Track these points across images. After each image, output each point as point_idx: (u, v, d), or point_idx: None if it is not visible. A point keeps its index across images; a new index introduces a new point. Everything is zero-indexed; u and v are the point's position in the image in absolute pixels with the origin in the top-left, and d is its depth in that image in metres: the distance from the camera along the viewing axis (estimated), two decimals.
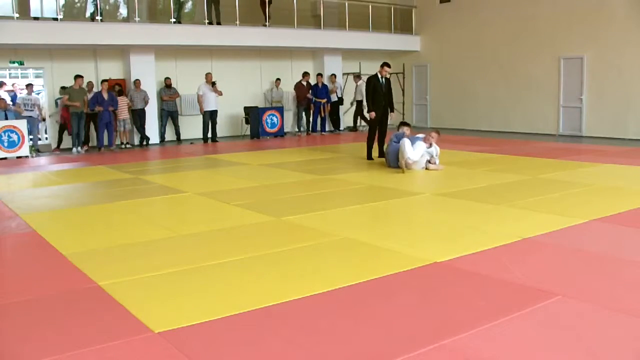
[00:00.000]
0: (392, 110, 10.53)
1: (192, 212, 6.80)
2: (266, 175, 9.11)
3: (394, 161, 9.15)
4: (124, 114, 13.74)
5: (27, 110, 12.98)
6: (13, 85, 14.27)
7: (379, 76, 10.35)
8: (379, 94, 10.31)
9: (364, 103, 16.24)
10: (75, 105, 12.84)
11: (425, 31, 18.29)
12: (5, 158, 12.01)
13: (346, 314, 3.49)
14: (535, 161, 9.90)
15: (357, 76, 16.92)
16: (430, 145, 9.14)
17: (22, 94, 13.91)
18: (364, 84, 16.59)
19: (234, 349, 3.05)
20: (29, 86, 13.42)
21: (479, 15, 16.45)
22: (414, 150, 8.84)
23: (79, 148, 13.24)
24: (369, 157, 10.49)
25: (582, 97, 14.20)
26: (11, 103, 13.04)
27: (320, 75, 16.44)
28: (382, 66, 10.44)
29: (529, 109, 15.43)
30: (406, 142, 8.80)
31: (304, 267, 4.43)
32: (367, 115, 10.63)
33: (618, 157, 10.05)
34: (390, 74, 11.03)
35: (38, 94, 14.69)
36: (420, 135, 9.35)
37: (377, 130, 10.51)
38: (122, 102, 13.70)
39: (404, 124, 9.88)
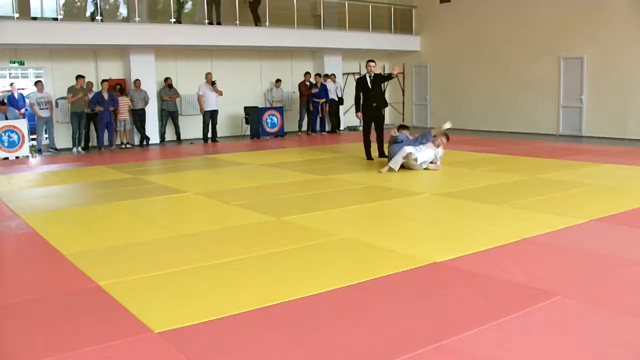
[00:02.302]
0: (385, 105, 10.51)
1: (192, 212, 6.80)
2: (266, 175, 9.11)
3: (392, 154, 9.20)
4: (124, 114, 13.75)
5: (41, 109, 12.94)
6: (11, 85, 14.10)
7: (367, 76, 10.36)
8: (368, 94, 10.31)
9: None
10: (78, 97, 12.88)
11: (425, 31, 18.29)
12: (7, 158, 12.02)
13: (346, 314, 3.49)
14: (535, 161, 9.90)
15: (327, 75, 16.86)
16: (438, 146, 9.16)
17: (19, 91, 13.80)
18: (332, 83, 16.62)
19: (234, 349, 3.05)
20: (39, 83, 13.13)
21: (479, 15, 16.45)
22: (422, 152, 8.80)
23: (79, 148, 13.26)
24: (369, 157, 10.48)
25: (582, 97, 14.20)
26: (8, 103, 12.99)
27: (318, 75, 16.44)
28: (367, 63, 10.48)
29: (529, 109, 15.43)
30: (408, 149, 8.80)
31: (304, 267, 4.43)
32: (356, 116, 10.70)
33: (618, 157, 10.05)
34: (388, 74, 11.00)
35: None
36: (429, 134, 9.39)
37: (375, 129, 10.48)
38: (123, 102, 13.72)
39: (402, 127, 9.84)
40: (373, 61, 10.52)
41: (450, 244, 4.91)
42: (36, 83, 13.21)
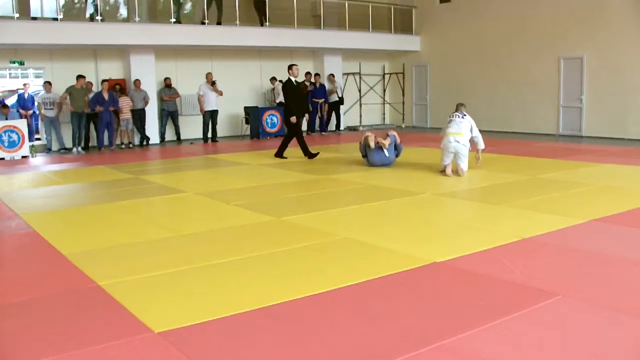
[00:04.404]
0: (308, 111, 10.66)
1: (192, 212, 6.80)
2: (266, 175, 9.11)
3: (379, 162, 9.40)
4: (126, 113, 13.76)
5: (46, 109, 13.00)
6: (25, 85, 14.05)
7: (292, 79, 10.44)
8: (298, 98, 10.44)
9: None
10: (70, 108, 12.94)
11: (425, 31, 18.28)
12: (2, 158, 12.01)
13: (346, 313, 3.49)
14: (535, 161, 9.90)
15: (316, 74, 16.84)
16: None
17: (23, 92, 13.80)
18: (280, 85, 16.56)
19: (234, 349, 3.05)
20: (47, 84, 13.19)
21: (479, 15, 16.44)
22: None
23: (79, 148, 13.26)
24: (281, 155, 10.85)
25: (582, 97, 14.20)
26: (17, 103, 12.99)
27: (317, 75, 16.43)
28: (292, 67, 10.61)
29: (529, 109, 15.42)
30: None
31: (304, 267, 4.43)
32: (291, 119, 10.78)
33: (618, 157, 10.05)
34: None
35: (37, 94, 14.60)
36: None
37: (297, 134, 10.71)
38: (125, 101, 13.72)
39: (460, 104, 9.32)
40: (296, 65, 10.76)
41: (450, 244, 4.91)
42: (44, 84, 13.26)
